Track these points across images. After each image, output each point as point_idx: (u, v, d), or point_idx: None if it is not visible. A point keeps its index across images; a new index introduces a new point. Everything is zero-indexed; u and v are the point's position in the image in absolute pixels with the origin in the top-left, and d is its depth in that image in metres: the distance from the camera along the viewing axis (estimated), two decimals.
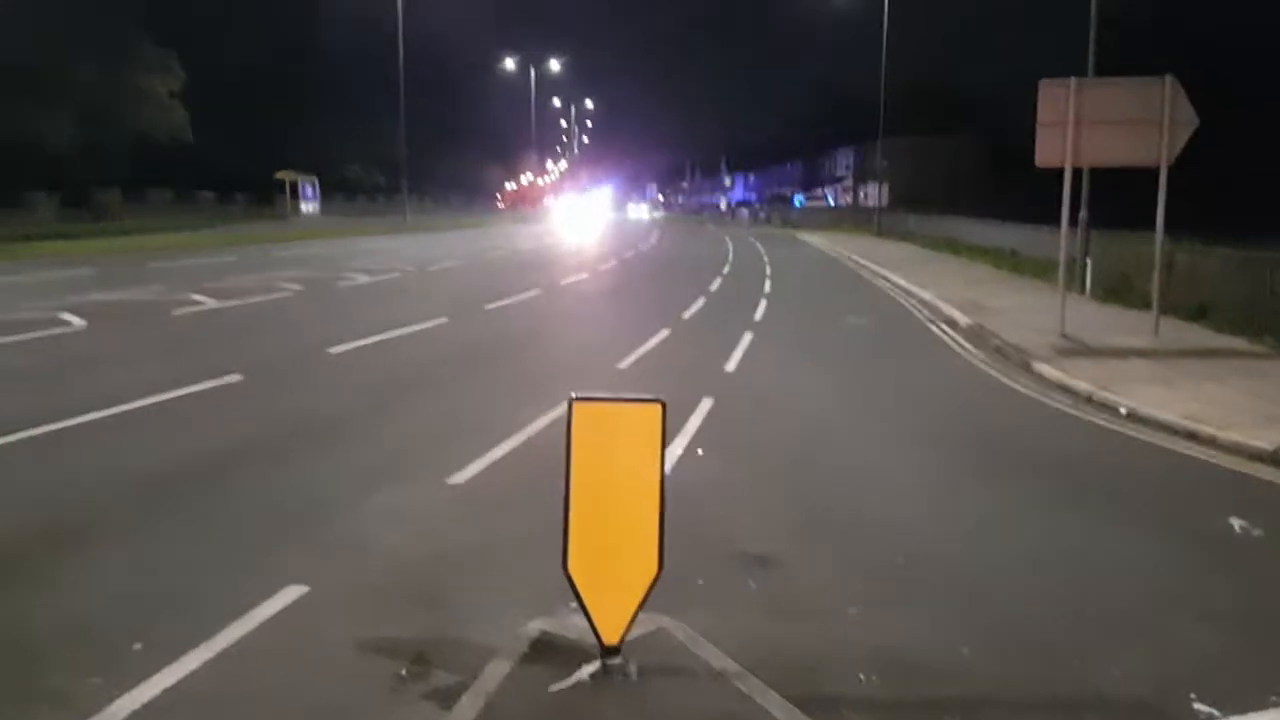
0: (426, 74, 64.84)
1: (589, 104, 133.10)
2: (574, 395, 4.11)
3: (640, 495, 4.04)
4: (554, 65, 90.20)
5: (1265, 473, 7.55)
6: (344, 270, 25.08)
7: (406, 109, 52.15)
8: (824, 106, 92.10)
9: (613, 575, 4.06)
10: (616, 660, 4.09)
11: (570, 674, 4.08)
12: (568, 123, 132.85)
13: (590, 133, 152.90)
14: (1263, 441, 7.95)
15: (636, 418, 4.05)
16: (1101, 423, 9.22)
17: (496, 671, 4.11)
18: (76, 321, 14.65)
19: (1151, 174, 13.01)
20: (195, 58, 52.02)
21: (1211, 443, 8.28)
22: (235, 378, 10.57)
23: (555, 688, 3.98)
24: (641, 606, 4.10)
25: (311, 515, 6.31)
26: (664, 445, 4.09)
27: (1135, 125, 12.88)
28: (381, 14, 54.71)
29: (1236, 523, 6.33)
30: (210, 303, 17.44)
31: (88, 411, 8.83)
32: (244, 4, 59.45)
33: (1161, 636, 4.75)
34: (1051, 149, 13.09)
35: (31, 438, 8.04)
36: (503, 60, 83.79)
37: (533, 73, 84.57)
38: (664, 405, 4.07)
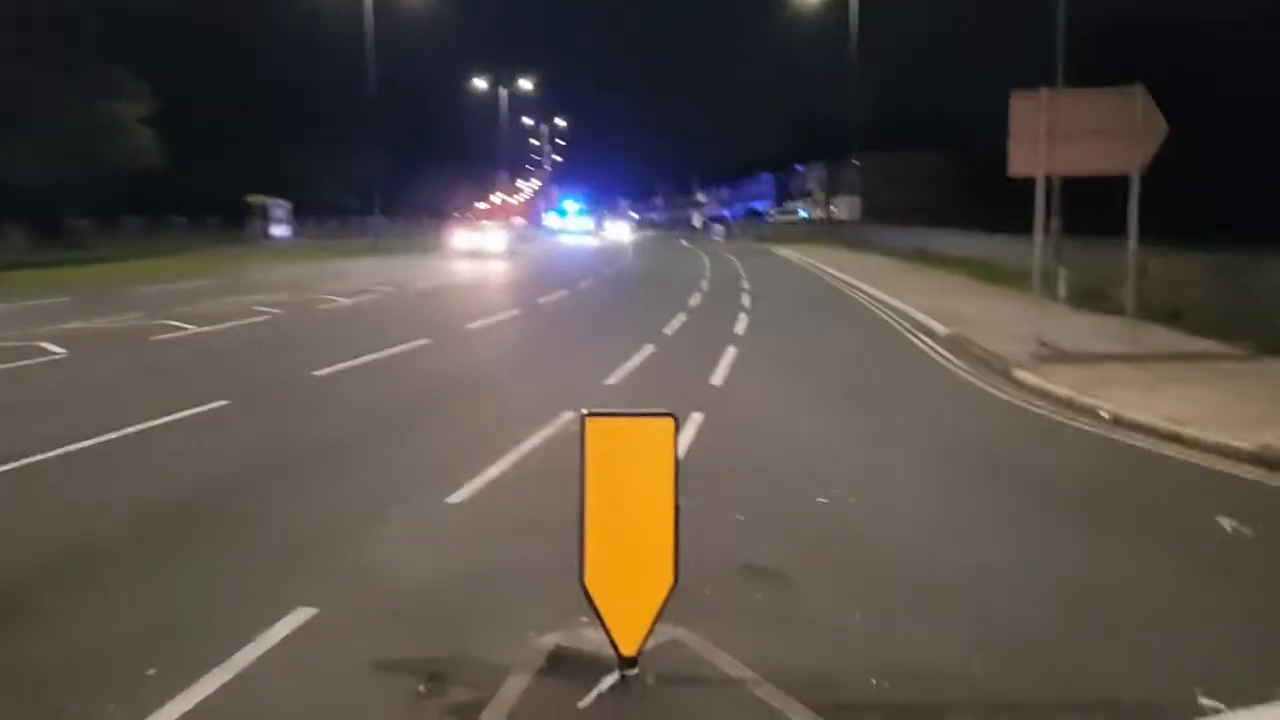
0: (397, 95, 64.82)
1: (560, 122, 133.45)
2: (585, 411, 4.17)
3: (654, 507, 4.09)
4: (525, 84, 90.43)
5: (1249, 472, 7.70)
6: (321, 293, 24.97)
7: (377, 131, 52.06)
8: (796, 122, 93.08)
9: (629, 587, 4.10)
10: (634, 671, 4.13)
11: (589, 686, 4.11)
12: (539, 141, 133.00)
13: (562, 150, 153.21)
14: (1245, 442, 8.11)
15: (649, 431, 4.11)
16: (1085, 427, 9.37)
17: (515, 686, 4.14)
18: (57, 350, 14.52)
19: (1123, 182, 13.25)
20: (165, 83, 51.67)
21: (1195, 444, 8.44)
22: (222, 403, 10.52)
23: (583, 703, 4.01)
24: (658, 618, 4.15)
25: (312, 538, 6.32)
26: (676, 458, 4.14)
27: (1106, 135, 13.11)
28: (352, 37, 54.70)
29: (1226, 522, 6.46)
30: (189, 328, 17.33)
31: (77, 440, 8.76)
32: (213, 29, 59.22)
33: (1162, 635, 4.85)
34: (1025, 160, 13.30)
35: (24, 467, 7.97)
36: (474, 80, 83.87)
37: (503, 92, 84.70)
38: (676, 419, 4.13)
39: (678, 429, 4.15)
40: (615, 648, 4.14)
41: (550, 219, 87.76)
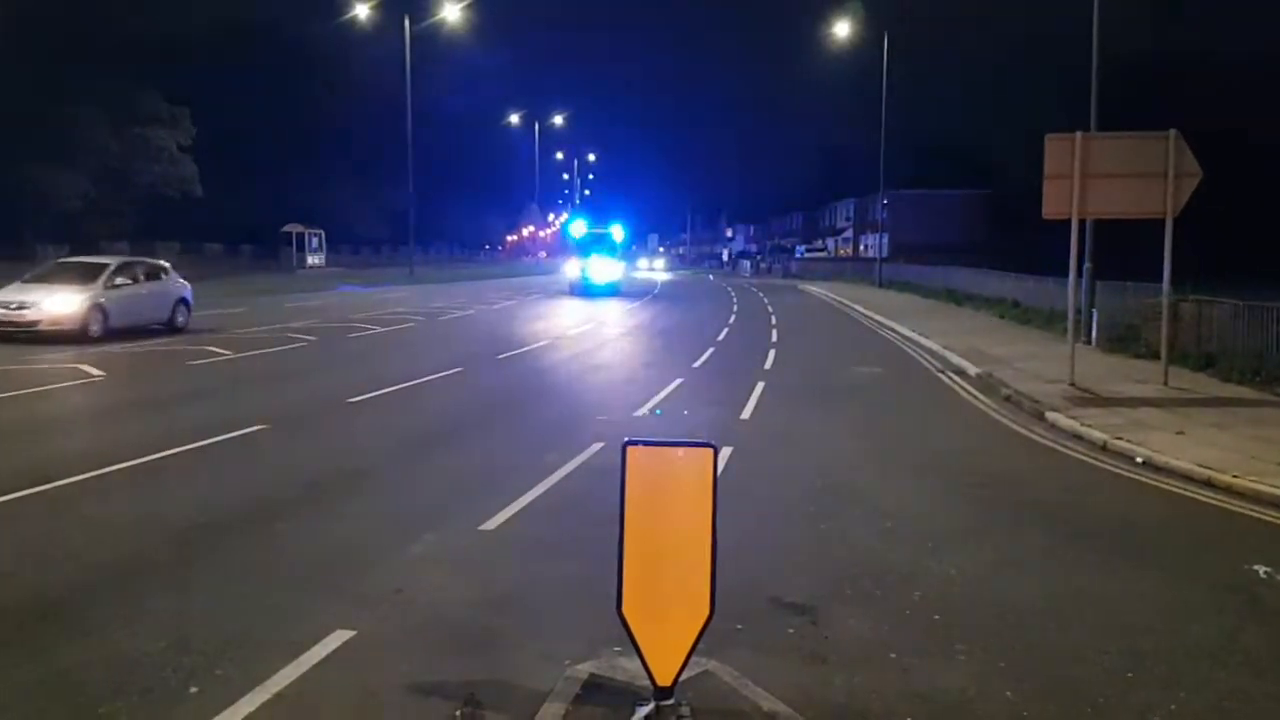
0: (431, 126, 65.69)
1: (591, 157, 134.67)
2: (627, 439, 4.24)
3: (692, 537, 4.14)
4: (558, 120, 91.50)
5: None
6: (356, 321, 25.28)
7: (412, 162, 52.73)
8: (825, 159, 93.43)
9: (666, 617, 4.14)
10: (670, 701, 4.17)
11: (624, 715, 4.15)
12: (570, 175, 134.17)
13: (591, 185, 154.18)
14: (1279, 488, 8.06)
15: (688, 461, 4.17)
16: (1119, 471, 9.33)
17: (551, 713, 4.19)
18: (95, 373, 14.78)
19: (1154, 225, 13.25)
20: (203, 111, 52.75)
21: (1228, 490, 8.39)
22: (260, 427, 10.68)
23: None
24: (694, 648, 4.19)
25: (349, 562, 6.40)
26: (715, 489, 4.19)
27: (1140, 178, 13.14)
28: (389, 67, 55.60)
29: (1261, 568, 6.42)
30: (226, 353, 17.59)
31: (118, 461, 8.92)
32: (253, 58, 60.38)
33: (1198, 680, 4.82)
34: (1058, 201, 13.34)
35: (66, 487, 8.12)
36: (506, 114, 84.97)
37: (536, 126, 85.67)
38: (715, 450, 4.20)
39: (716, 459, 4.21)
40: (651, 677, 4.18)
41: (581, 265, 47.10)
